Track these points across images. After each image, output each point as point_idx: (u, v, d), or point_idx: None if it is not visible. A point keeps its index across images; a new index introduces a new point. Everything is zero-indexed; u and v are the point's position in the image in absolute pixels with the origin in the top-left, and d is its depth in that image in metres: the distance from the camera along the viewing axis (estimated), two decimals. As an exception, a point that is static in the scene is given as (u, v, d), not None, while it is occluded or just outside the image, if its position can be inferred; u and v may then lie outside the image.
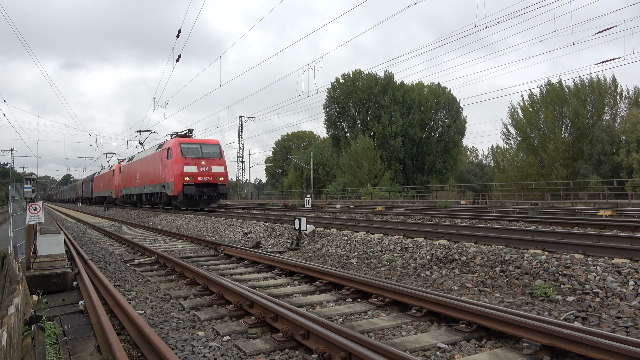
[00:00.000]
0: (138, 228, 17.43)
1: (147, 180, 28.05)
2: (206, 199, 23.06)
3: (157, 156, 25.90)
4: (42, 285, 5.90)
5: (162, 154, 24.87)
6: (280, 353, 3.69)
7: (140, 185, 29.77)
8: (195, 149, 23.25)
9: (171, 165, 22.95)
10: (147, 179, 28.06)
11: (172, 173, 22.76)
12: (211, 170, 22.94)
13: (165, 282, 6.71)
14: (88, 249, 10.97)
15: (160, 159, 25.00)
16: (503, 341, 3.85)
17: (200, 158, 22.99)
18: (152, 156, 27.10)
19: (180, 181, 22.13)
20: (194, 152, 23.01)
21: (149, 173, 27.61)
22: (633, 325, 4.04)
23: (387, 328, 4.27)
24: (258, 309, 4.54)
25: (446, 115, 55.69)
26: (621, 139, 37.86)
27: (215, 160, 23.46)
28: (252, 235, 12.28)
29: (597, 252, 5.92)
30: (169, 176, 23.11)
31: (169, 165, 23.44)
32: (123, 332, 4.26)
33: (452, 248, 7.22)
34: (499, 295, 5.34)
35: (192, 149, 23.12)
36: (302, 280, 6.50)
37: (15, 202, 7.27)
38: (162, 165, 24.56)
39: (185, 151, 22.74)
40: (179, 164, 22.43)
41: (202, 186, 22.71)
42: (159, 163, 25.18)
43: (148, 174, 27.79)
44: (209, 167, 23.00)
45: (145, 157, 29.09)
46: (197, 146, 23.53)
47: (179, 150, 22.73)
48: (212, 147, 24.18)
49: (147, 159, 28.41)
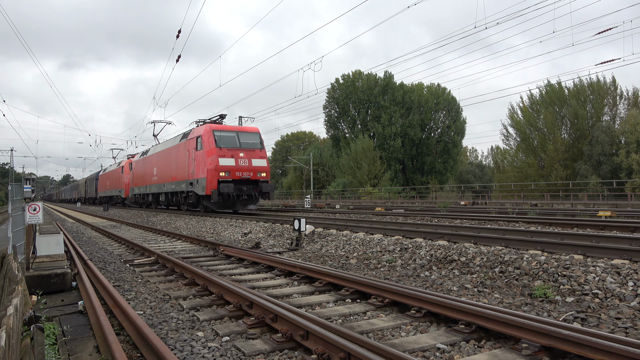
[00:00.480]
0: (137, 228, 17.42)
1: (167, 176, 23.62)
2: (245, 198, 18.88)
3: (181, 148, 21.59)
4: (41, 285, 5.89)
5: (188, 144, 20.56)
6: (280, 353, 3.69)
7: (158, 182, 25.30)
8: (231, 138, 19.07)
9: (202, 158, 18.76)
10: (167, 175, 23.63)
11: (203, 167, 18.54)
12: (251, 164, 18.80)
13: (165, 283, 6.70)
14: (87, 249, 10.97)
15: (187, 151, 20.66)
16: (502, 342, 3.85)
17: (238, 149, 18.80)
18: (175, 148, 22.63)
19: (214, 177, 17.94)
20: (230, 142, 18.88)
21: (170, 168, 23.24)
22: (632, 326, 4.05)
23: (386, 329, 4.27)
24: (257, 310, 4.54)
25: (446, 116, 55.70)
26: (621, 140, 37.87)
27: (255, 152, 19.23)
28: (251, 236, 12.27)
29: (596, 253, 5.92)
30: (200, 171, 18.91)
31: (199, 157, 19.17)
32: (122, 333, 4.26)
33: (452, 249, 7.23)
34: (498, 295, 5.34)
35: (228, 138, 18.97)
36: (301, 281, 6.49)
37: (15, 202, 7.27)
38: (188, 158, 20.36)
39: (219, 140, 18.59)
40: (212, 156, 18.20)
41: (241, 183, 18.57)
42: (185, 156, 20.86)
43: (169, 170, 23.34)
44: (249, 160, 18.83)
45: (164, 150, 24.59)
46: (233, 134, 19.28)
47: (212, 139, 18.49)
48: (251, 135, 19.87)
49: (167, 152, 23.95)
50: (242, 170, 18.61)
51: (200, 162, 19.02)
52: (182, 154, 21.35)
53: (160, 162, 25.16)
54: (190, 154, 20.19)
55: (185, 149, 21.04)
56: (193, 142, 20.04)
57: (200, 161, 19.03)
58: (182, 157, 21.44)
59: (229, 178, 18.22)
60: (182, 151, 21.39)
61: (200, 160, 19.04)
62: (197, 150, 19.43)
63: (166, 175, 23.85)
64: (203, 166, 18.59)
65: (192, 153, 19.97)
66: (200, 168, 18.97)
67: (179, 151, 21.99)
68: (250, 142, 19.53)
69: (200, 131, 19.54)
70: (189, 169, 20.29)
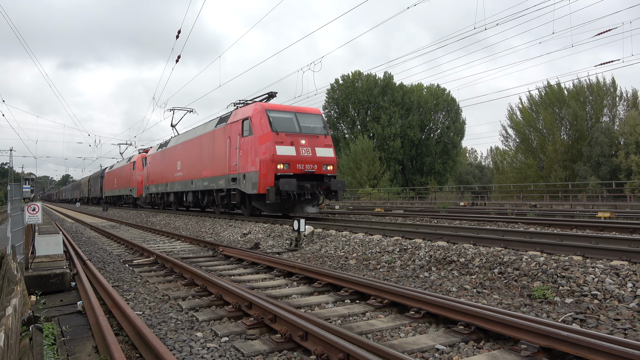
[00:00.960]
0: (137, 228, 17.41)
1: (196, 171, 19.19)
2: (309, 199, 14.62)
3: (218, 135, 17.26)
4: (40, 285, 5.89)
5: (229, 130, 16.12)
6: (279, 354, 3.69)
7: (184, 179, 20.85)
8: (288, 121, 14.81)
9: (252, 146, 14.46)
10: (197, 169, 19.15)
11: (254, 158, 14.28)
12: (315, 154, 14.58)
13: (164, 283, 6.70)
14: (87, 249, 10.96)
15: (227, 139, 16.37)
16: (501, 343, 3.85)
17: (298, 134, 14.56)
18: (208, 136, 18.27)
19: (270, 170, 13.69)
20: (288, 126, 14.61)
21: (201, 161, 18.79)
22: (631, 327, 4.05)
23: (385, 329, 4.27)
24: (256, 310, 4.54)
25: (445, 117, 55.74)
26: (620, 141, 37.91)
27: (319, 139, 14.93)
28: (251, 236, 12.27)
29: (595, 254, 5.92)
30: (248, 163, 14.67)
31: (246, 146, 14.88)
32: (121, 333, 4.26)
33: (451, 249, 7.23)
34: (497, 296, 5.35)
35: (285, 121, 14.71)
36: (300, 282, 6.49)
37: (14, 202, 7.27)
38: (229, 147, 16.09)
39: (275, 123, 14.26)
40: (267, 144, 13.89)
41: (303, 179, 14.32)
42: (224, 145, 16.59)
43: (199, 163, 18.94)
44: (312, 148, 14.60)
45: (193, 140, 20.08)
46: (291, 116, 15.02)
47: (266, 121, 14.17)
48: (312, 118, 15.58)
49: (197, 142, 19.52)
50: (304, 162, 14.29)
51: (248, 152, 14.71)
52: (220, 143, 16.94)
53: (187, 154, 20.54)
54: (233, 141, 15.81)
55: (224, 136, 16.64)
56: (237, 127, 15.55)
57: (248, 150, 14.71)
58: (219, 147, 17.03)
59: (289, 172, 13.92)
60: (220, 139, 16.98)
61: (248, 149, 14.71)
62: (244, 136, 15.04)
63: (195, 169, 19.38)
64: (253, 156, 14.31)
65: (236, 140, 15.54)
66: (248, 159, 14.68)
67: (214, 139, 17.55)
68: (311, 125, 15.22)
69: (247, 112, 15.12)
70: (230, 160, 15.90)
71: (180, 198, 22.52)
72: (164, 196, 24.91)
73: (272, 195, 13.43)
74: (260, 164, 13.90)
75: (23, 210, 7.34)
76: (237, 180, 15.34)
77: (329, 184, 14.67)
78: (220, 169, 16.76)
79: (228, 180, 16.03)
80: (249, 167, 14.54)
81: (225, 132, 16.60)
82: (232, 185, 15.74)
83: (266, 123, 14.18)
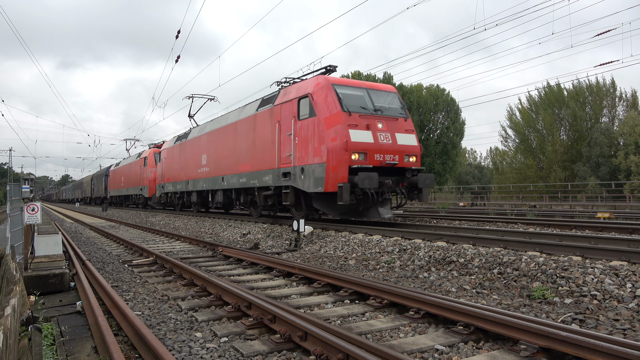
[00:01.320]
0: (136, 229, 17.40)
1: (231, 165, 15.73)
2: (387, 198, 11.49)
3: (262, 120, 13.63)
4: (39, 285, 5.88)
5: (279, 112, 12.69)
6: (278, 354, 3.68)
7: (212, 175, 17.45)
8: (360, 99, 11.54)
9: (315, 131, 11.16)
10: (231, 163, 15.75)
11: (317, 146, 11.04)
12: (395, 142, 11.28)
13: (163, 283, 6.70)
14: (86, 249, 10.95)
15: (275, 124, 12.80)
16: (501, 343, 3.85)
17: (374, 116, 11.31)
18: (248, 122, 14.57)
19: (343, 162, 10.49)
20: (360, 105, 11.35)
21: (236, 153, 15.32)
22: (630, 327, 4.05)
23: (384, 330, 4.27)
24: (256, 310, 4.53)
25: (445, 117, 55.74)
26: (619, 142, 37.97)
27: (399, 123, 11.66)
28: (250, 237, 12.27)
29: (595, 255, 5.92)
30: (309, 153, 11.34)
31: (305, 130, 11.55)
32: (120, 333, 4.26)
33: (450, 250, 7.23)
34: (496, 297, 5.35)
35: (357, 99, 11.48)
36: (300, 282, 6.49)
37: (13, 203, 7.26)
38: (279, 134, 12.61)
39: (346, 101, 11.06)
40: (338, 127, 10.67)
41: (383, 173, 11.00)
42: (271, 131, 13.05)
43: (235, 155, 15.43)
44: (391, 135, 11.33)
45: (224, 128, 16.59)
46: (362, 93, 11.75)
47: (335, 98, 11.00)
48: (387, 96, 12.15)
49: (230, 130, 16.01)
50: (383, 152, 10.94)
51: (308, 139, 11.32)
52: (265, 130, 13.47)
53: (216, 145, 17.25)
54: (285, 127, 12.38)
55: (270, 120, 13.16)
56: (290, 108, 12.15)
57: (308, 137, 11.34)
58: (263, 135, 13.57)
59: (366, 164, 10.58)
60: (265, 125, 13.49)
61: (308, 135, 11.33)
62: (301, 119, 11.72)
63: (228, 163, 15.98)
64: (316, 144, 11.01)
65: (289, 125, 12.13)
66: (309, 148, 11.30)
67: (256, 126, 14.07)
68: (387, 106, 11.83)
69: (306, 87, 11.74)
70: (281, 151, 12.52)
71: (205, 198, 19.06)
72: (184, 195, 21.60)
73: (347, 194, 10.05)
74: (327, 154, 10.61)
75: (22, 211, 7.34)
76: (290, 176, 11.97)
77: (414, 180, 11.19)
78: (266, 161, 13.33)
79: (277, 176, 12.65)
80: (310, 159, 11.21)
81: (272, 116, 13.05)
82: (283, 181, 12.36)
83: (334, 101, 10.89)
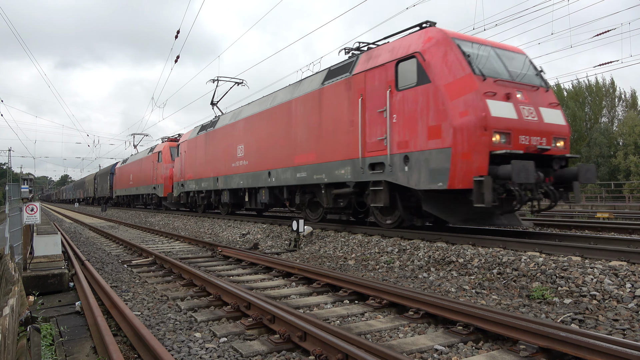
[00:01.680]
0: (135, 229, 17.39)
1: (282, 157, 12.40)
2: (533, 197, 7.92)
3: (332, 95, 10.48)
4: (38, 286, 5.88)
5: (363, 83, 9.47)
6: (277, 355, 3.68)
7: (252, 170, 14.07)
8: (490, 60, 8.28)
9: (429, 103, 7.94)
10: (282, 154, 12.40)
11: (434, 123, 7.81)
12: (542, 119, 8.01)
13: (163, 283, 6.69)
14: (85, 249, 10.95)
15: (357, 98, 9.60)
16: (500, 343, 3.85)
17: (511, 83, 8.02)
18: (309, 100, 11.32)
19: (479, 145, 7.28)
20: (493, 67, 8.14)
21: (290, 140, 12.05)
22: (630, 327, 4.05)
23: (384, 330, 4.27)
24: (255, 311, 4.53)
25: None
26: (619, 142, 38.03)
27: (539, 94, 8.39)
28: (249, 237, 12.27)
29: (594, 255, 5.92)
30: (417, 134, 8.14)
31: (409, 104, 8.34)
32: (120, 334, 4.25)
33: (450, 250, 7.23)
34: (496, 297, 5.35)
35: (487, 60, 8.21)
36: (299, 282, 6.49)
37: (12, 203, 7.26)
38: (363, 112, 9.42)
39: (477, 62, 7.92)
40: (470, 96, 7.49)
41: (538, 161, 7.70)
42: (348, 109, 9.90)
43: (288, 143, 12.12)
44: (535, 109, 8.03)
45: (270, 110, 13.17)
46: (490, 52, 8.49)
47: (460, 57, 7.81)
48: (518, 59, 8.88)
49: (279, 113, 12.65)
50: (530, 133, 7.84)
51: (417, 116, 8.18)
52: (336, 107, 10.20)
53: (258, 133, 13.74)
54: (372, 101, 9.16)
55: (345, 94, 9.91)
56: (381, 75, 8.96)
57: (417, 113, 8.18)
58: (334, 114, 10.28)
59: (511, 148, 7.48)
60: (336, 101, 10.23)
61: (417, 110, 8.18)
62: (401, 89, 8.51)
63: (277, 155, 12.56)
64: (433, 121, 7.86)
65: (381, 98, 8.92)
66: (417, 128, 8.16)
67: (322, 103, 10.70)
68: (522, 71, 8.63)
69: (410, 44, 8.59)
70: (366, 134, 9.30)
71: (240, 197, 15.81)
72: (210, 195, 18.32)
73: (489, 193, 6.99)
74: (454, 135, 7.45)
75: (21, 211, 7.33)
76: (384, 167, 8.77)
77: (563, 173, 8.10)
78: (339, 150, 10.02)
79: (359, 168, 9.41)
80: (421, 142, 8.03)
81: (350, 89, 9.70)
82: (370, 175, 9.14)
83: (460, 60, 7.77)
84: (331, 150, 10.39)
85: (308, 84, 11.68)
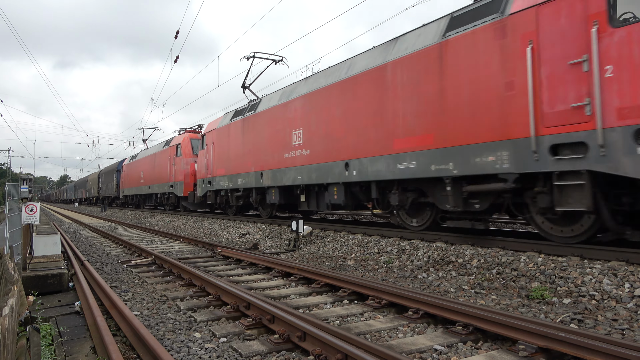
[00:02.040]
0: (135, 229, 17.39)
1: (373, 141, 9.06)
2: None
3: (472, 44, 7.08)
4: (38, 286, 5.88)
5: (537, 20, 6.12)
6: (277, 355, 3.68)
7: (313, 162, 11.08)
8: None
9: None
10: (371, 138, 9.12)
11: None
12: None
13: (162, 284, 6.69)
14: (84, 249, 10.94)
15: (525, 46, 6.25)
16: (499, 343, 3.86)
17: None
18: (424, 57, 7.90)
19: None
20: None
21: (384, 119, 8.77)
22: (629, 327, 4.06)
23: (383, 330, 4.27)
24: (255, 311, 4.54)
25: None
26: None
27: None
28: (249, 237, 12.27)
29: (593, 255, 5.93)
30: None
31: None
32: (119, 334, 4.25)
33: (449, 250, 7.23)
34: (495, 297, 5.35)
35: None
36: (299, 282, 6.49)
37: (12, 203, 7.26)
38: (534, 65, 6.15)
39: None
40: None
41: None
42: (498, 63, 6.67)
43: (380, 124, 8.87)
44: None
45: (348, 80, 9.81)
46: None
47: None
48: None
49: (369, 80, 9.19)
50: None
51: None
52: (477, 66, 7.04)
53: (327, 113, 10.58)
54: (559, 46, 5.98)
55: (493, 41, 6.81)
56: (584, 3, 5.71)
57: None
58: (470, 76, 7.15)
59: None
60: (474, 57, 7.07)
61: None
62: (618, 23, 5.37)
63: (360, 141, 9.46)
64: None
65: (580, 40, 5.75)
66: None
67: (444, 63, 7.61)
68: None
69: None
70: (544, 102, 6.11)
71: (295, 197, 12.51)
72: (251, 193, 14.85)
73: None
74: None
75: (21, 211, 7.33)
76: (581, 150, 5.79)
77: None
78: (482, 127, 6.96)
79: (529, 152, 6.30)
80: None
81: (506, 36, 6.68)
82: (553, 163, 6.04)
83: None
84: (466, 129, 7.24)
85: (414, 40, 8.47)
